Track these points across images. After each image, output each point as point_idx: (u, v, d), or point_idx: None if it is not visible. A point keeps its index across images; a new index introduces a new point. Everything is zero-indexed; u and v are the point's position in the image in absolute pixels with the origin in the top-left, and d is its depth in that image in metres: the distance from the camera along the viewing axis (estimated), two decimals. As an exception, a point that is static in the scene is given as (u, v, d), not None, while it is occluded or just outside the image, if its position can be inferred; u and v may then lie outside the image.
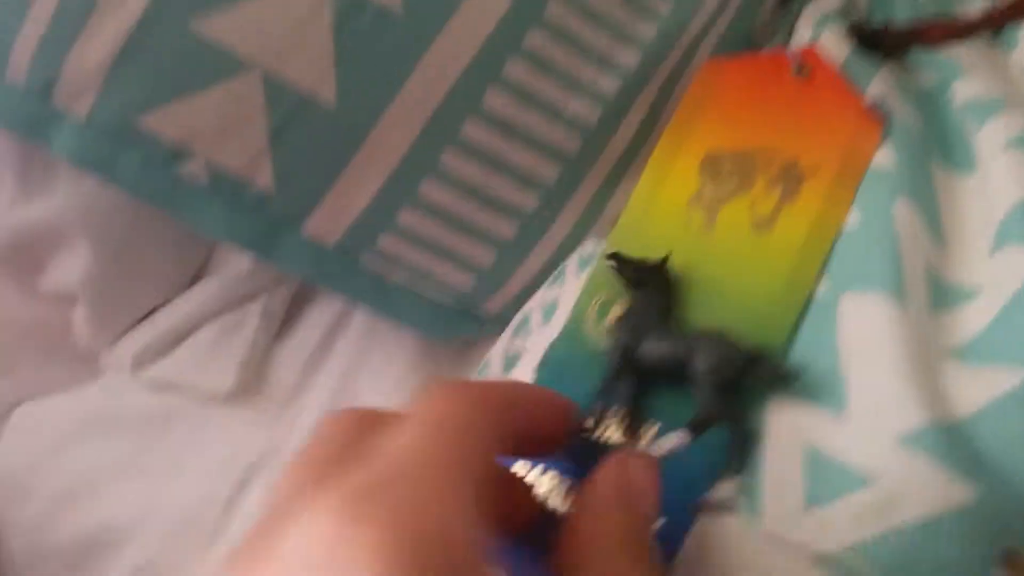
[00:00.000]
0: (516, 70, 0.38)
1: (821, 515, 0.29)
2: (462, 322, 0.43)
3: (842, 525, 0.29)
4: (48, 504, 0.50)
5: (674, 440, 0.30)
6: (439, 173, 0.39)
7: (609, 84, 0.40)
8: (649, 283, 0.34)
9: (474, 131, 0.38)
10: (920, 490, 0.29)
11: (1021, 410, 0.29)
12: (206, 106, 0.37)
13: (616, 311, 0.35)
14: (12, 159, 0.48)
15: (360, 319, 0.48)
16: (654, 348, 0.32)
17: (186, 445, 0.47)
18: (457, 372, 0.44)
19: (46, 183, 0.48)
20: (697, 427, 0.31)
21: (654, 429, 0.32)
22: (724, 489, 0.31)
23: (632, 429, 0.32)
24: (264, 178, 0.38)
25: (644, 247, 0.36)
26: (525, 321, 0.41)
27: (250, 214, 0.39)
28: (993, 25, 0.44)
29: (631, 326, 0.33)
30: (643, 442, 0.31)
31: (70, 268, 0.49)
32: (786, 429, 0.31)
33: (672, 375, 0.32)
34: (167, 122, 0.37)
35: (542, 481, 0.32)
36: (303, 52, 0.37)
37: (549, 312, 0.41)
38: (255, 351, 0.47)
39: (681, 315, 0.34)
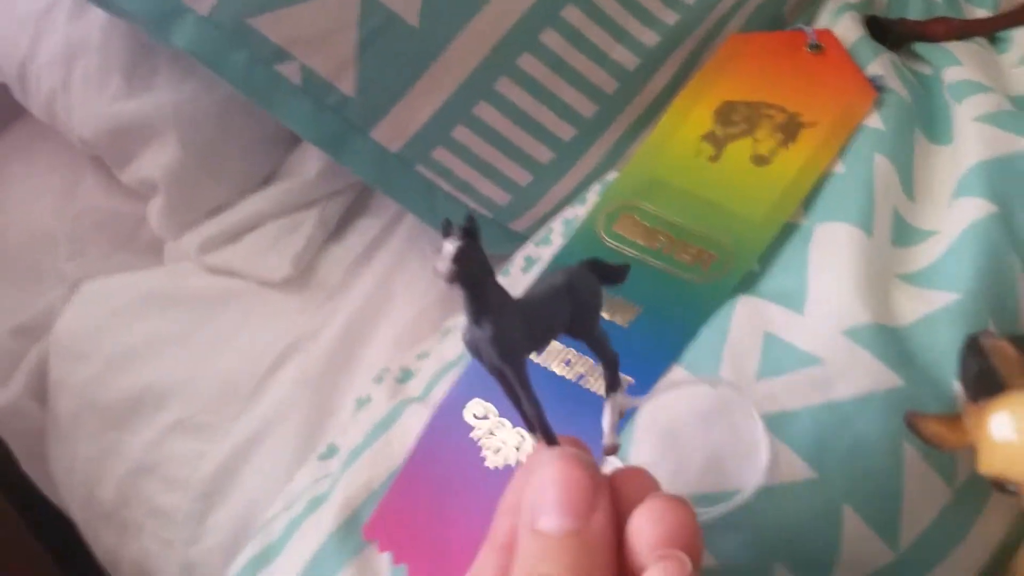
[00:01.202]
0: (573, 14, 0.49)
1: (770, 385, 0.38)
2: (495, 235, 0.52)
3: (785, 395, 0.37)
4: (101, 367, 0.59)
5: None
6: (493, 97, 0.49)
7: (650, 38, 0.51)
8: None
9: (528, 64, 0.49)
10: (856, 373, 0.37)
11: (948, 322, 0.38)
12: (309, 14, 0.47)
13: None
14: (120, 59, 0.59)
15: (402, 233, 0.57)
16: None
17: (235, 323, 0.57)
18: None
19: (148, 83, 0.59)
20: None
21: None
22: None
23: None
24: (347, 84, 0.49)
25: (660, 167, 0.46)
26: (547, 234, 0.51)
27: (330, 115, 0.49)
28: (992, 28, 0.54)
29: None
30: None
31: (156, 161, 0.59)
32: (751, 318, 0.40)
33: None
34: (274, 25, 0.48)
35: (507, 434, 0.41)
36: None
37: (569, 227, 0.50)
38: (308, 249, 0.57)
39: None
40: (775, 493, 0.35)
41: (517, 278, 0.50)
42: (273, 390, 0.54)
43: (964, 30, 0.54)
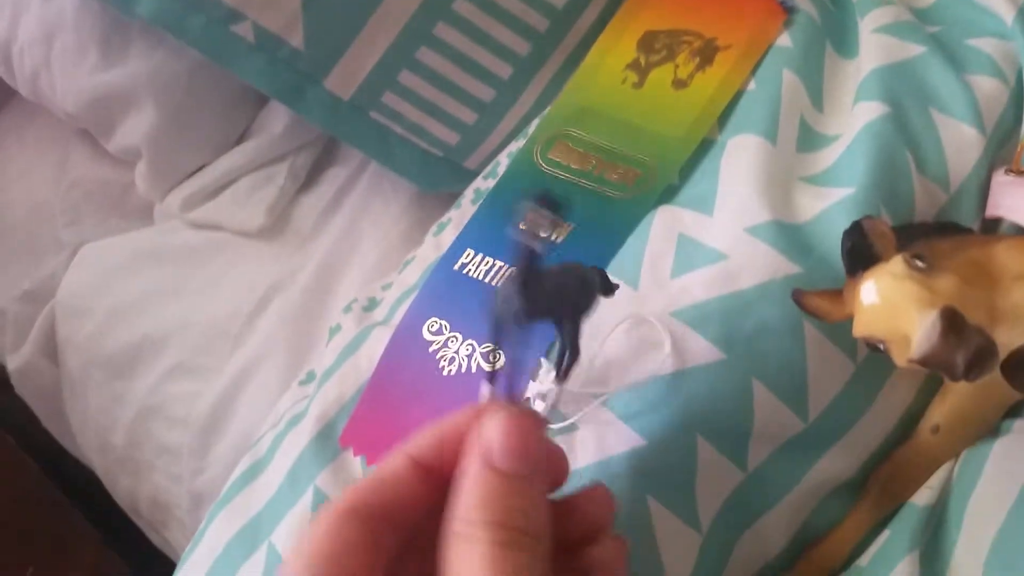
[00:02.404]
0: (501, -42, 0.52)
1: (681, 282, 0.42)
2: (448, 174, 0.56)
3: (695, 289, 0.41)
4: (102, 322, 0.64)
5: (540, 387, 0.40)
6: (433, 41, 0.52)
7: (575, -23, 0.54)
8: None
9: (463, 8, 0.52)
10: (757, 264, 0.41)
11: (843, 214, 0.42)
12: (257, -24, 0.51)
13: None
14: (95, 34, 0.63)
15: (366, 180, 0.61)
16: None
17: (220, 272, 0.61)
18: (439, 218, 0.58)
19: (122, 54, 0.63)
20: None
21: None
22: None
23: None
24: (296, 38, 0.52)
25: (589, 97, 0.50)
26: (495, 167, 0.55)
27: (284, 68, 0.53)
28: None
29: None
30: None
31: (137, 128, 0.63)
32: (667, 224, 0.44)
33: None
34: (226, -12, 0.52)
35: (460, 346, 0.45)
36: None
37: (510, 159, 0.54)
38: (281, 199, 0.61)
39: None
40: (688, 375, 0.39)
41: (467, 209, 0.53)
42: (259, 329, 0.58)
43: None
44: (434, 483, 0.29)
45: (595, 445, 0.39)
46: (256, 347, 0.58)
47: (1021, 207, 0.42)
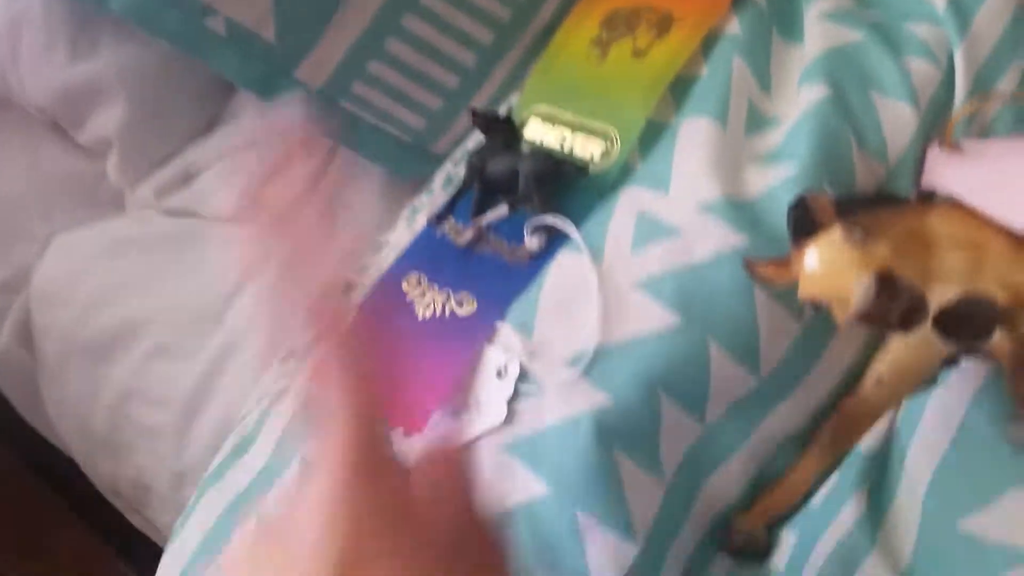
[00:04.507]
0: (463, -47, 0.55)
1: (640, 256, 0.45)
2: (418, 159, 0.58)
3: (653, 262, 0.44)
4: (79, 310, 0.65)
5: (498, 212, 0.47)
6: (400, 32, 0.54)
7: (536, -33, 0.57)
8: (496, 128, 0.51)
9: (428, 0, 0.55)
10: (709, 237, 0.44)
11: (789, 189, 0.45)
12: (228, -29, 0.53)
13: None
14: (65, 28, 0.64)
15: (337, 165, 0.64)
16: (496, 165, 0.49)
17: (196, 257, 0.62)
18: (410, 201, 0.60)
19: (92, 48, 0.64)
20: (513, 204, 0.48)
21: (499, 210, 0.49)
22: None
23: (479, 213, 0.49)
24: (268, 31, 0.54)
25: (557, 75, 0.54)
26: (463, 153, 0.57)
27: (256, 60, 0.55)
28: None
29: (480, 155, 0.50)
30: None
31: (108, 119, 0.65)
32: (628, 203, 0.47)
33: (510, 186, 0.49)
34: (198, -16, 0.53)
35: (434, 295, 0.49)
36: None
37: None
38: (255, 186, 0.63)
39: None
40: (650, 339, 0.42)
41: (439, 195, 0.56)
42: (237, 310, 0.60)
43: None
44: None
45: (564, 406, 0.42)
46: (235, 328, 0.60)
47: (951, 179, 0.46)
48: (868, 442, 0.42)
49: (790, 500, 0.43)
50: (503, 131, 0.50)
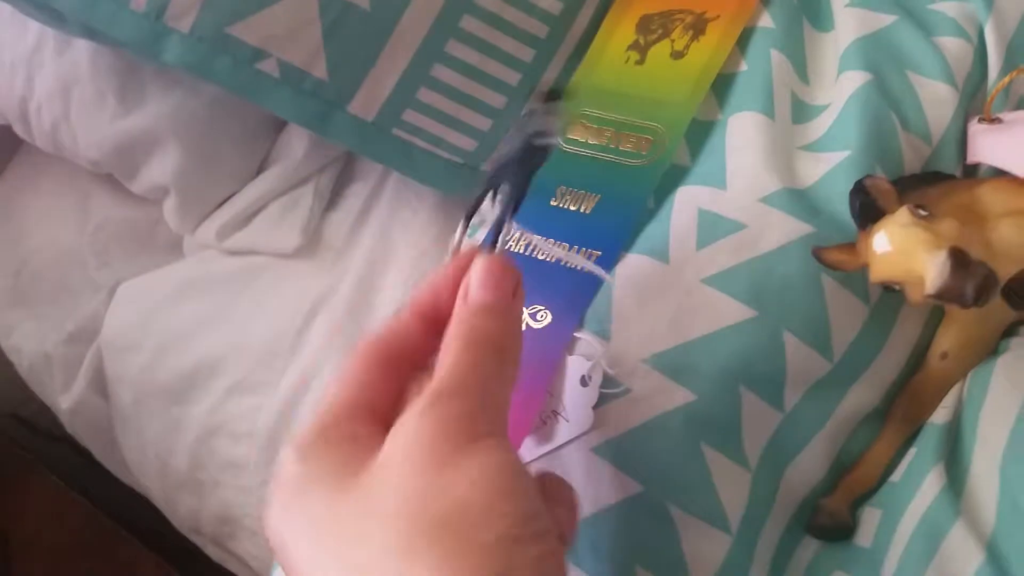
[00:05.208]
0: (498, -23, 0.57)
1: (707, 252, 0.48)
2: (468, 177, 0.61)
3: (721, 257, 0.47)
4: (152, 355, 0.69)
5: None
6: (445, 58, 0.58)
7: (568, -15, 0.60)
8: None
9: (470, 24, 0.57)
10: (774, 229, 0.47)
11: (843, 175, 0.48)
12: (277, 15, 0.55)
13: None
14: (112, 82, 0.67)
15: (389, 191, 0.66)
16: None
17: (262, 294, 0.66)
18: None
19: (140, 99, 0.67)
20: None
21: None
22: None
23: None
24: (319, 69, 0.57)
25: (597, 79, 0.57)
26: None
27: (310, 98, 0.58)
28: None
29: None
30: None
31: (162, 167, 0.68)
32: (686, 202, 0.50)
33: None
34: (249, 30, 0.56)
35: None
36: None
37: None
38: (311, 219, 0.66)
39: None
40: (725, 333, 0.45)
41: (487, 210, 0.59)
42: (309, 343, 0.63)
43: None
44: (434, 330, 0.36)
45: (649, 404, 0.45)
46: (309, 359, 0.63)
47: (995, 151, 0.48)
48: (940, 415, 0.45)
49: (871, 478, 0.46)
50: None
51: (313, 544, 0.30)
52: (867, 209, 0.42)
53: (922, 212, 0.39)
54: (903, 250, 0.39)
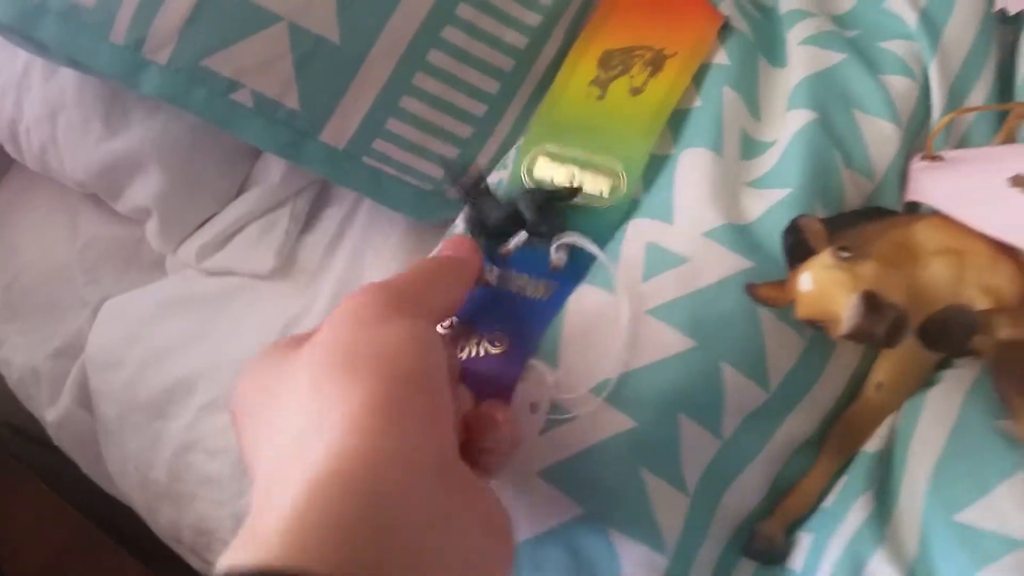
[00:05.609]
0: (466, 11, 0.60)
1: (652, 284, 0.50)
2: (438, 204, 0.64)
3: (665, 289, 0.50)
4: (134, 371, 0.72)
5: (518, 239, 0.52)
6: (414, 90, 0.61)
7: (533, 19, 0.62)
8: (479, 191, 0.54)
9: (437, 58, 0.60)
10: (715, 263, 0.50)
11: (784, 212, 0.50)
12: (250, 48, 0.59)
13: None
14: (98, 107, 0.71)
15: (363, 216, 0.70)
16: (494, 212, 0.53)
17: (239, 314, 0.69)
18: (435, 246, 0.65)
19: (125, 123, 0.71)
20: (530, 232, 0.52)
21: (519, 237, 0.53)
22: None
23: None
24: (292, 100, 0.60)
25: (560, 115, 0.59)
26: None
27: (283, 127, 0.61)
28: None
29: (476, 207, 0.53)
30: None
31: (145, 189, 0.71)
32: (636, 234, 0.52)
33: (513, 224, 0.53)
34: (224, 62, 0.59)
35: None
36: (315, 5, 0.58)
37: (496, 187, 0.62)
38: (287, 241, 0.69)
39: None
40: (668, 363, 0.47)
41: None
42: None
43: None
44: None
45: (593, 430, 0.47)
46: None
47: (933, 189, 0.51)
48: (873, 444, 0.47)
49: (806, 504, 0.48)
50: (486, 190, 0.55)
51: (258, 399, 0.36)
52: (796, 249, 0.44)
53: (844, 254, 0.42)
54: (823, 291, 0.41)
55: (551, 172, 0.57)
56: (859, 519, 0.45)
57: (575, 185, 0.55)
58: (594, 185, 0.56)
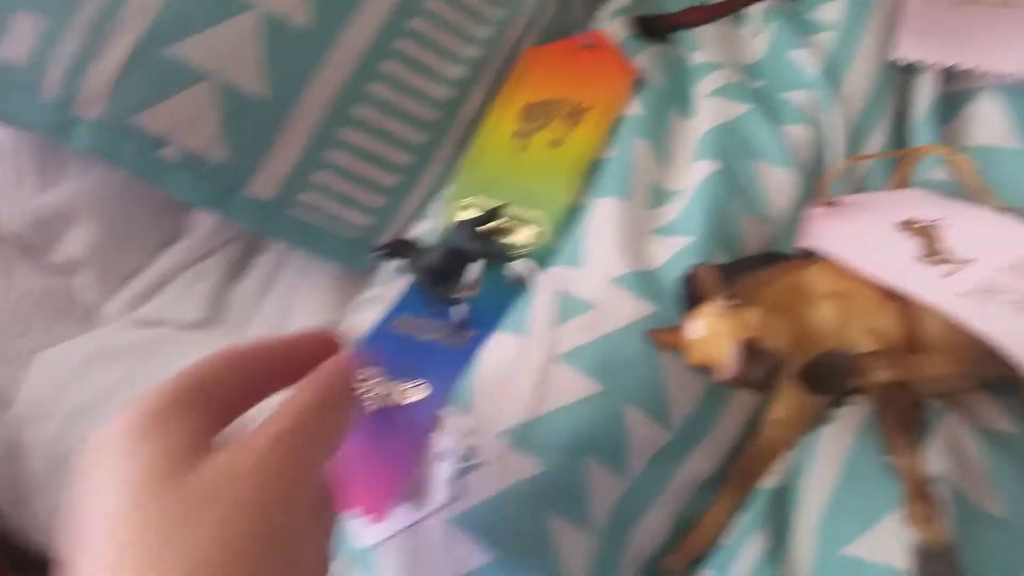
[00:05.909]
0: (392, 66, 0.63)
1: (562, 329, 0.52)
2: (365, 254, 0.67)
3: (574, 335, 0.52)
4: (63, 422, 0.73)
5: (475, 269, 0.55)
6: (340, 143, 0.63)
7: (458, 72, 0.66)
8: (405, 250, 0.59)
9: (363, 112, 0.63)
10: (621, 309, 0.52)
11: (686, 259, 0.53)
12: (177, 106, 0.61)
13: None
14: (31, 161, 0.73)
15: (293, 262, 0.72)
16: (435, 257, 0.57)
17: (169, 362, 0.69)
18: (363, 291, 0.67)
19: (59, 176, 0.73)
20: (479, 257, 0.56)
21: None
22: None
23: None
24: (218, 155, 0.62)
25: (484, 167, 0.63)
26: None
27: (209, 182, 0.63)
28: (734, 9, 0.69)
29: (420, 263, 0.58)
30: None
31: (78, 240, 0.73)
32: (548, 281, 0.55)
33: (452, 266, 0.57)
34: (152, 120, 0.61)
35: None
36: (242, 62, 0.61)
37: (427, 236, 0.65)
38: (218, 291, 0.71)
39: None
40: (575, 407, 0.49)
41: (392, 285, 0.64)
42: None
43: (711, 14, 0.69)
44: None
45: (502, 476, 0.49)
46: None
47: (824, 235, 0.53)
48: (770, 480, 0.49)
49: (708, 539, 0.50)
50: (411, 249, 0.58)
51: (125, 526, 0.31)
52: (691, 296, 0.47)
53: (732, 302, 0.44)
54: (709, 337, 0.44)
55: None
56: (755, 556, 0.47)
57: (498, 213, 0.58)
58: (519, 235, 0.58)
